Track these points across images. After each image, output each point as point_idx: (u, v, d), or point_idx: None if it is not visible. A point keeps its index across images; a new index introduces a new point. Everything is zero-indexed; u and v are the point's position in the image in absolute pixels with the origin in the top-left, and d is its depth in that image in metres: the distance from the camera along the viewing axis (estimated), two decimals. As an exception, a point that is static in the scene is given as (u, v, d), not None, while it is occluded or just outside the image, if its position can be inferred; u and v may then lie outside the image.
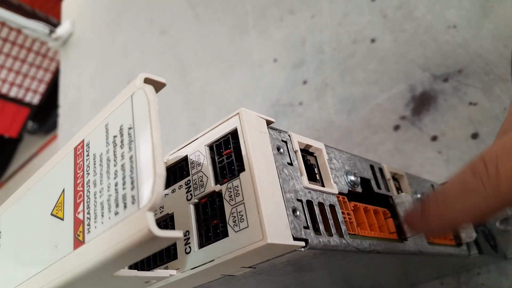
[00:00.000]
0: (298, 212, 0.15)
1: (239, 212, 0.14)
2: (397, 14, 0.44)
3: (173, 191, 0.16)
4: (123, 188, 0.11)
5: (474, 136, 0.35)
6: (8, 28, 2.02)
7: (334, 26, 0.48)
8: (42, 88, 2.31)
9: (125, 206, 0.11)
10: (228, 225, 0.14)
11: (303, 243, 0.14)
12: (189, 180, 0.16)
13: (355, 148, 0.41)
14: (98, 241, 0.12)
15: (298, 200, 0.15)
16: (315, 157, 0.18)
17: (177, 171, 0.17)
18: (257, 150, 0.15)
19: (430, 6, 0.42)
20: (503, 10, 0.37)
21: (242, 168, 0.15)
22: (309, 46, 0.50)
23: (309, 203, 0.16)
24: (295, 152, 0.17)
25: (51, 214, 0.14)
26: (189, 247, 0.15)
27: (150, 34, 0.74)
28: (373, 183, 0.20)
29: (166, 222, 0.16)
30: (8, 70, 2.13)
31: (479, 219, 0.15)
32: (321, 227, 0.16)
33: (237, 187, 0.14)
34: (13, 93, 2.23)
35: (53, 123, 1.59)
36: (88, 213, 0.12)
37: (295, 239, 0.14)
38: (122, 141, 0.12)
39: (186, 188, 0.16)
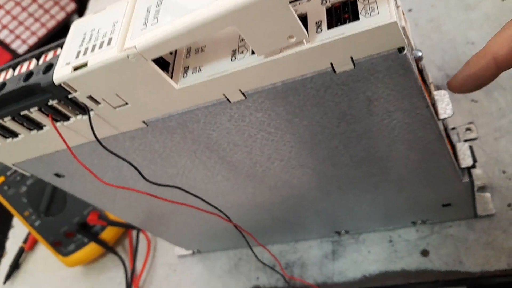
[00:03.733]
0: (404, 25, 0.21)
1: (371, 7, 0.20)
2: (428, 25, 0.52)
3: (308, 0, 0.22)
4: None
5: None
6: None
7: (370, 22, 0.56)
8: (32, 40, 2.29)
9: None
10: (359, 14, 0.20)
11: (406, 43, 0.20)
12: (324, -6, 0.22)
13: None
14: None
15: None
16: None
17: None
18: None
19: (456, 25, 0.50)
20: (514, 39, 0.46)
21: (376, -16, 0.20)
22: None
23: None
24: None
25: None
26: (320, 29, 0.20)
27: None
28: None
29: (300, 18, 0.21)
30: (5, 12, 2.11)
31: None
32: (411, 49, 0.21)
33: (370, -6, 0.20)
34: (1, 35, 2.19)
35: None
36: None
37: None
38: None
39: (320, -1, 0.22)
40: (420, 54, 0.25)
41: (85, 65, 0.22)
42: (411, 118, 0.25)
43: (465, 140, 0.35)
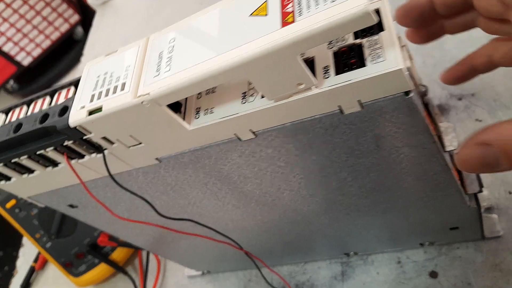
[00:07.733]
0: (409, 65, 0.21)
1: (377, 53, 0.20)
2: (430, 44, 0.53)
3: (315, 44, 0.23)
4: (342, -13, 0.18)
5: (476, 144, 0.43)
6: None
7: (373, 41, 0.57)
8: (36, 52, 2.30)
9: (343, -5, 0.17)
10: (365, 60, 0.20)
11: (412, 86, 0.20)
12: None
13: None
14: (311, 18, 0.18)
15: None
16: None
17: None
18: (391, 20, 0.21)
19: (457, 44, 0.51)
20: (516, 58, 0.46)
21: (381, 29, 0.21)
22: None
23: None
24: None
25: (250, 15, 0.20)
26: (328, 74, 0.21)
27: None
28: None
29: (306, 63, 0.22)
30: (10, 25, 2.12)
31: None
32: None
33: (377, 39, 0.21)
34: (6, 48, 2.20)
35: (36, 88, 1.59)
36: (299, 6, 0.19)
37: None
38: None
39: (328, 43, 0.22)
40: (424, 89, 0.26)
41: (99, 109, 0.23)
42: (418, 152, 0.25)
43: (471, 165, 0.35)
